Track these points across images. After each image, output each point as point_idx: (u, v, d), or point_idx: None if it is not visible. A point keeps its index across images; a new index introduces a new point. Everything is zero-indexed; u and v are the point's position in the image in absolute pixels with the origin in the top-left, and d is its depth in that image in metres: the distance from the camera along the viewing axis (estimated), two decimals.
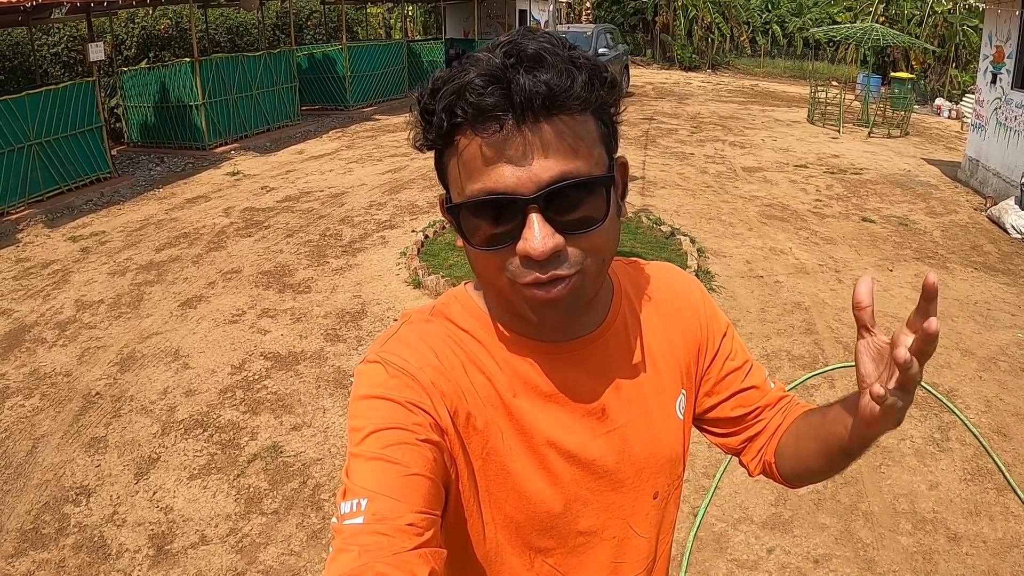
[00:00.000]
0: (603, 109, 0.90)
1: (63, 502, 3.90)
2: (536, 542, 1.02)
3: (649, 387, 1.07)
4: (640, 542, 1.08)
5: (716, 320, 1.17)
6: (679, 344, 1.12)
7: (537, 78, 0.81)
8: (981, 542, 3.58)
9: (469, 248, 0.91)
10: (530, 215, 0.84)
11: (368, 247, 7.52)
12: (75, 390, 4.97)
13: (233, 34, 16.19)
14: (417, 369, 0.93)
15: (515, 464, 0.97)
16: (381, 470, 0.83)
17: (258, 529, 3.66)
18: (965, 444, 4.32)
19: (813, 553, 3.48)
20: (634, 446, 1.04)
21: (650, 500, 1.07)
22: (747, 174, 10.73)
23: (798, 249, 7.64)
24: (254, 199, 9.41)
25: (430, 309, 1.04)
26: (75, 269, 7.19)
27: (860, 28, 15.59)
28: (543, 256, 0.84)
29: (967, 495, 3.92)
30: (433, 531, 0.82)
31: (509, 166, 0.83)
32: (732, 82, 22.50)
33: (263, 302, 6.26)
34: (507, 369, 0.98)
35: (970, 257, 7.63)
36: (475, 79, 0.82)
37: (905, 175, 11.06)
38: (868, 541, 3.56)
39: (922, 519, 3.72)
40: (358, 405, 0.91)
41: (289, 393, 4.86)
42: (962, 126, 15.28)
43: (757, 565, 3.41)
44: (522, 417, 0.97)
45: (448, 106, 0.84)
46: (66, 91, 9.61)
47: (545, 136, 0.83)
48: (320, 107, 15.68)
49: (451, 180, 0.91)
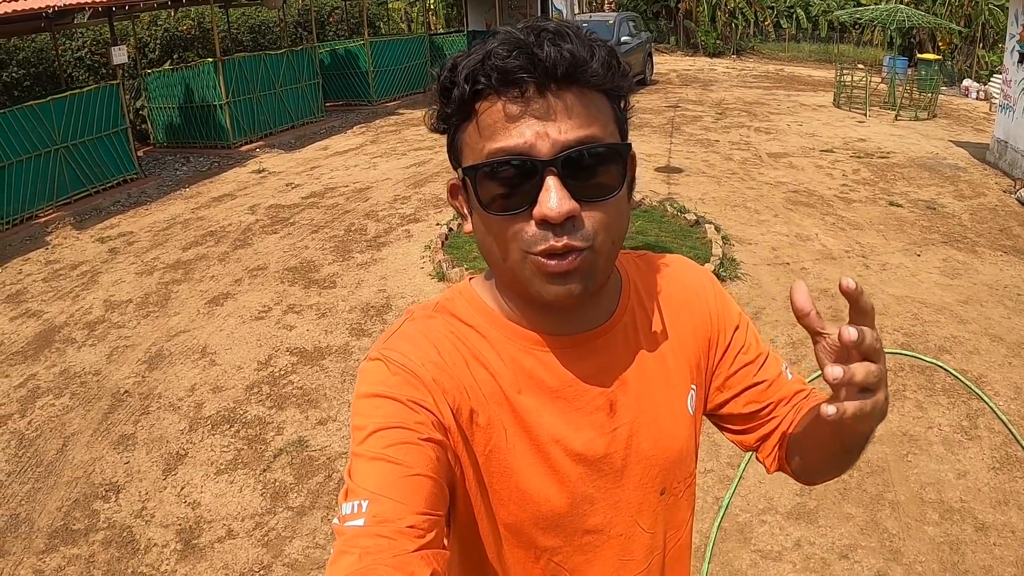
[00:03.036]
0: (617, 93, 0.91)
1: (93, 498, 3.97)
2: (541, 541, 1.01)
3: (658, 382, 1.05)
4: (646, 538, 1.07)
5: (728, 313, 1.14)
6: (689, 338, 1.10)
7: (561, 47, 0.83)
8: (1009, 532, 3.52)
9: (483, 216, 0.91)
10: (547, 178, 0.84)
11: (393, 241, 7.55)
12: (104, 389, 5.05)
13: (255, 33, 16.29)
14: (419, 366, 0.92)
15: (519, 462, 0.96)
16: (383, 470, 0.83)
17: (284, 523, 3.70)
18: (994, 432, 4.25)
19: (838, 544, 3.45)
20: (642, 442, 1.03)
21: (657, 496, 1.06)
22: (772, 160, 10.61)
23: (824, 235, 7.55)
24: (279, 196, 9.48)
25: (434, 304, 1.04)
26: (103, 270, 7.30)
27: (885, 10, 15.32)
28: (560, 218, 0.84)
29: (996, 484, 3.86)
30: (435, 532, 0.82)
31: (528, 128, 0.84)
32: (757, 67, 22.24)
33: (289, 298, 6.31)
34: (512, 364, 0.97)
35: (999, 240, 7.49)
36: (498, 48, 0.85)
37: (933, 158, 10.87)
38: (894, 531, 3.52)
39: (949, 509, 3.67)
40: (360, 404, 0.91)
41: (315, 388, 4.91)
42: (990, 107, 14.98)
43: (781, 556, 3.39)
44: (527, 414, 0.97)
45: (471, 74, 0.86)
46: (91, 95, 9.74)
47: (566, 102, 0.85)
48: (344, 103, 15.72)
49: (467, 147, 0.91)
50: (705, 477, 3.88)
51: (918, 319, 5.67)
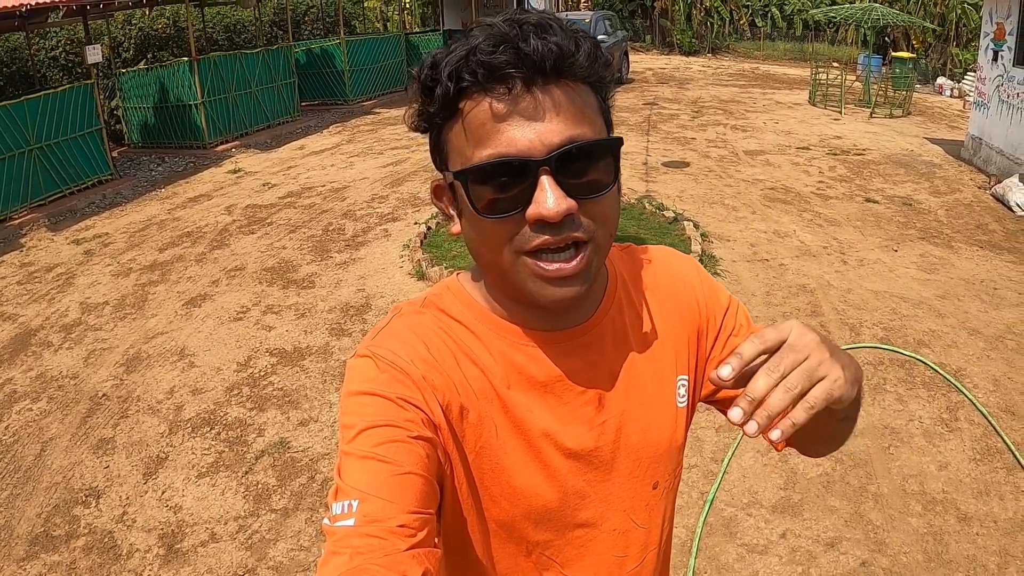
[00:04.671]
0: (601, 84, 0.90)
1: (73, 504, 3.91)
2: (533, 535, 1.00)
3: (647, 375, 1.04)
4: (640, 533, 1.06)
5: (716, 299, 1.12)
6: (678, 328, 1.08)
7: (547, 40, 0.81)
8: (992, 522, 3.56)
9: (475, 220, 0.89)
10: (541, 178, 0.83)
11: (371, 240, 7.51)
12: (82, 392, 4.98)
13: (230, 32, 16.15)
14: (408, 363, 0.91)
15: (509, 458, 0.96)
16: (372, 469, 0.82)
17: (267, 526, 3.67)
18: (974, 424, 4.30)
19: (824, 536, 3.47)
20: (631, 435, 1.02)
21: (650, 490, 1.05)
22: (749, 157, 10.68)
23: (802, 231, 7.60)
24: (256, 196, 9.40)
25: (422, 300, 1.02)
26: (79, 272, 7.20)
27: (860, 8, 15.48)
28: (557, 218, 0.83)
29: (977, 475, 3.90)
30: (426, 531, 0.81)
31: (519, 128, 0.82)
32: (732, 66, 22.38)
33: (267, 298, 6.26)
34: (501, 360, 0.96)
35: (975, 236, 7.58)
36: (482, 43, 0.82)
37: (908, 155, 10.99)
38: (878, 523, 3.55)
39: (932, 500, 3.71)
40: (348, 401, 0.89)
41: (295, 389, 4.87)
42: (964, 104, 15.18)
43: (767, 549, 3.40)
44: (516, 409, 0.96)
45: (455, 71, 0.83)
46: (65, 95, 9.61)
47: (554, 99, 0.83)
48: (320, 102, 15.64)
49: (453, 150, 0.89)
50: (689, 472, 3.88)
51: (896, 313, 5.73)
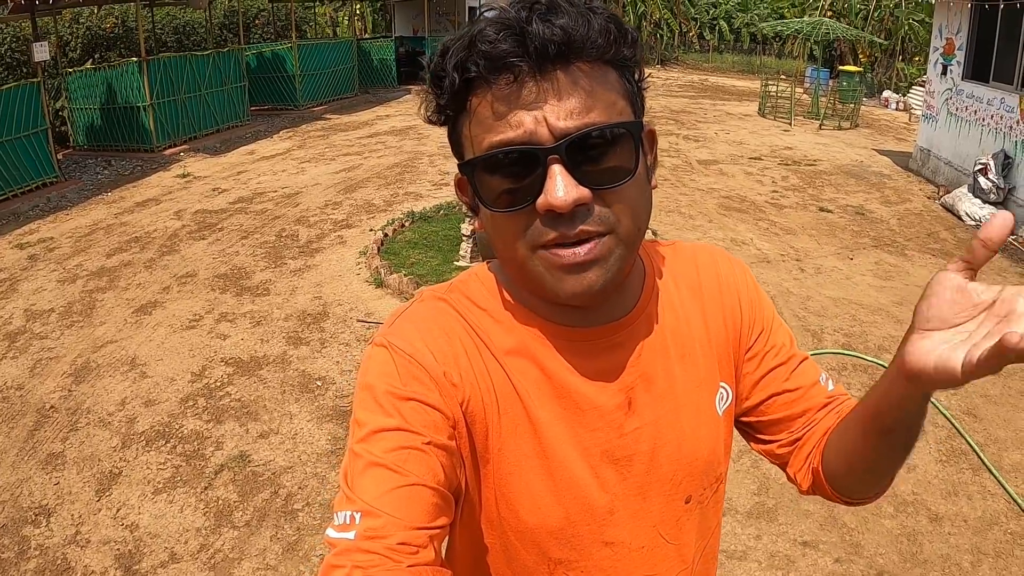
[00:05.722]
0: (623, 63, 0.83)
1: (22, 524, 3.70)
2: (554, 552, 0.92)
3: (684, 381, 0.96)
4: (670, 550, 0.98)
5: (760, 309, 1.04)
6: (720, 334, 1.01)
7: (552, 24, 0.76)
8: (962, 521, 3.60)
9: (487, 214, 0.85)
10: (551, 167, 0.77)
11: (326, 247, 7.37)
12: (28, 404, 4.74)
13: (180, 33, 15.79)
14: (426, 355, 0.85)
15: (527, 463, 0.89)
16: (380, 478, 0.77)
17: (230, 544, 3.51)
18: (937, 426, 4.35)
19: (800, 540, 3.46)
20: (664, 446, 0.94)
21: (682, 505, 0.97)
22: (703, 167, 10.79)
23: (759, 240, 7.68)
24: (206, 201, 9.17)
25: (447, 286, 0.96)
26: (23, 277, 6.90)
27: (809, 23, 15.82)
28: (566, 207, 0.77)
29: (944, 476, 3.94)
30: (431, 547, 0.76)
31: (525, 116, 0.78)
32: (681, 77, 22.69)
33: (221, 306, 6.07)
34: (525, 355, 0.90)
35: (927, 244, 7.75)
36: (487, 29, 0.77)
37: (858, 166, 11.23)
38: (852, 526, 3.55)
39: (903, 501, 3.73)
40: (363, 396, 0.84)
41: (253, 400, 4.71)
42: (910, 117, 15.61)
43: (746, 555, 3.38)
44: (539, 410, 0.89)
45: (460, 62, 0.79)
46: (10, 93, 9.26)
47: (562, 84, 0.78)
48: (270, 107, 15.40)
49: (465, 144, 0.84)
50: None
51: (856, 320, 5.80)
